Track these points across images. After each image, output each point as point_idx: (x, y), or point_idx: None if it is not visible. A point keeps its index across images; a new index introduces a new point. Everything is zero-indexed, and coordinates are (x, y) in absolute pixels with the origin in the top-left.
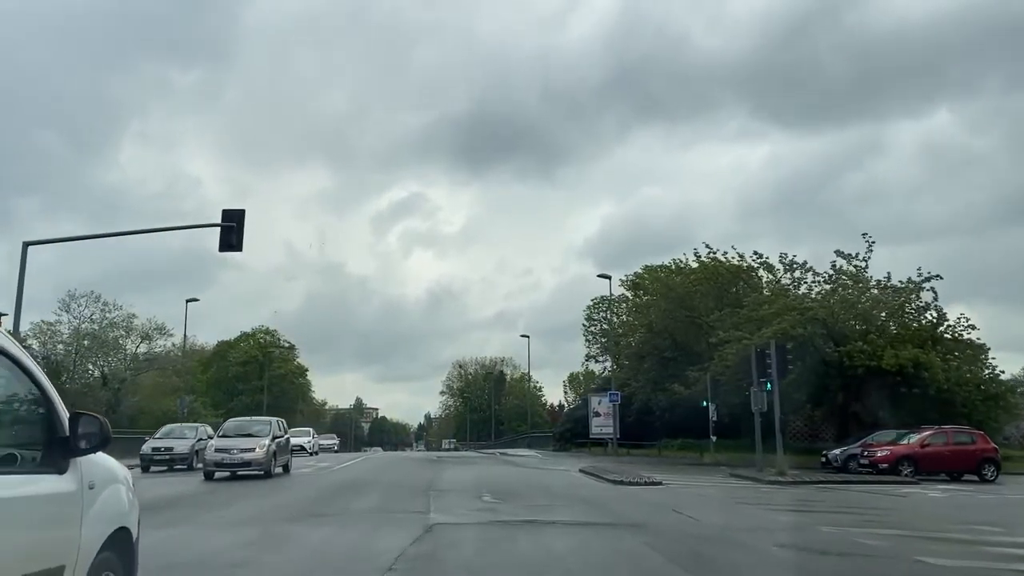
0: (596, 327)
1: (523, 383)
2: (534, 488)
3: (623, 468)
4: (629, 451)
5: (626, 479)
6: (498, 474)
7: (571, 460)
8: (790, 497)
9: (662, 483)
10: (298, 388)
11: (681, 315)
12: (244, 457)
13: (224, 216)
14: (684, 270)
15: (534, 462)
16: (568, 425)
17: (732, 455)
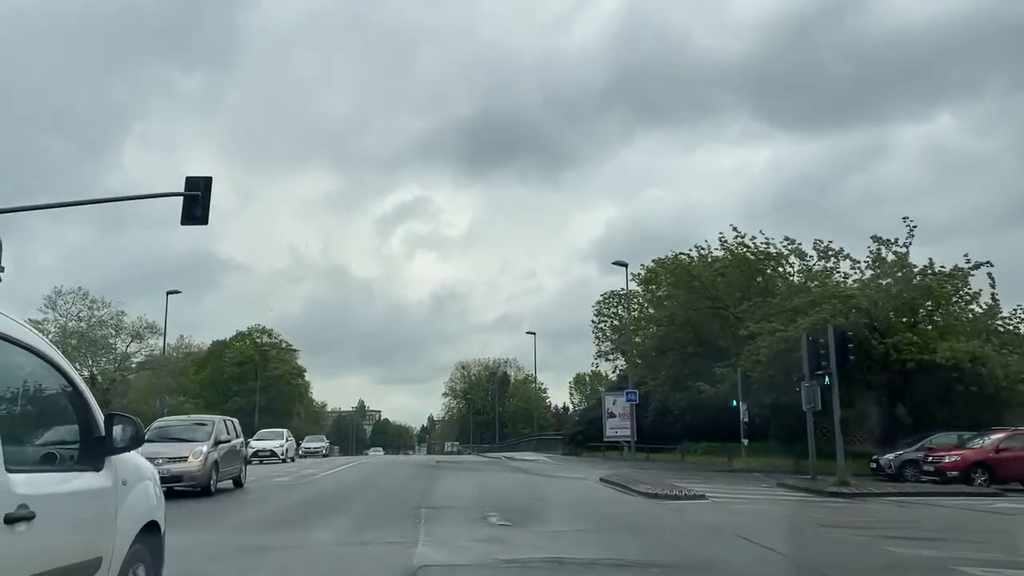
0: (607, 323)
1: (527, 384)
2: (552, 504)
3: (649, 476)
4: (648, 455)
5: (661, 491)
6: (506, 484)
7: (585, 466)
8: (874, 516)
9: (705, 496)
10: (295, 389)
11: (704, 306)
12: (172, 469)
13: (188, 184)
14: (706, 257)
15: (545, 468)
16: (580, 427)
17: (764, 460)
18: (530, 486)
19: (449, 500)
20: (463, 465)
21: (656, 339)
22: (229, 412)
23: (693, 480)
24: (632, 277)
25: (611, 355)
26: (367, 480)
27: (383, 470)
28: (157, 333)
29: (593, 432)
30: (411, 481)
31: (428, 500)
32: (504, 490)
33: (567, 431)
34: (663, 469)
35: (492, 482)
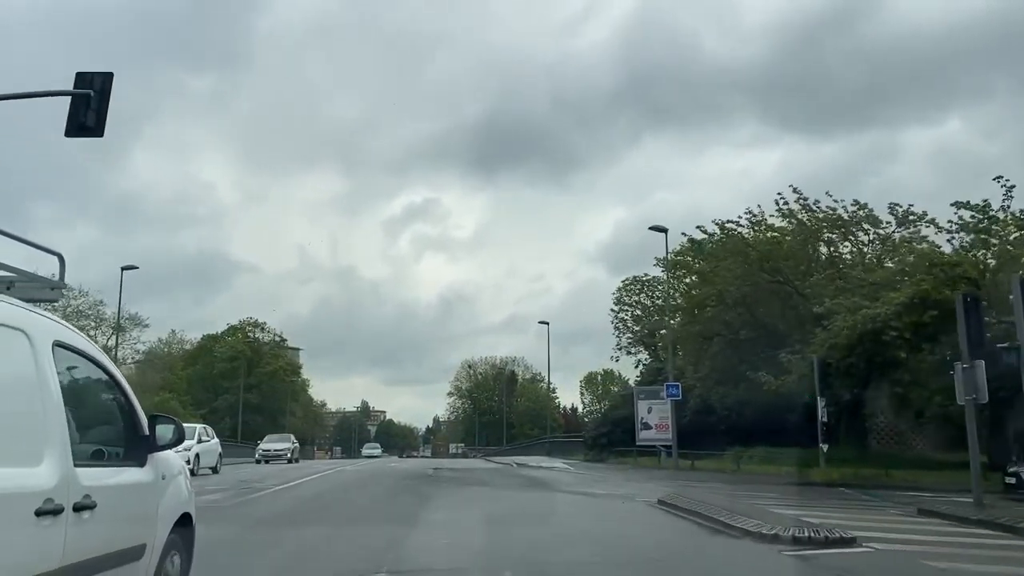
0: (628, 313)
1: (536, 384)
2: (617, 562)
3: (722, 497)
4: (693, 463)
5: (784, 531)
6: (528, 514)
7: (620, 477)
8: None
9: (855, 540)
10: (290, 387)
11: (763, 281)
12: None
13: (77, 81)
14: (760, 225)
15: (571, 482)
16: (604, 429)
17: (844, 470)
18: (564, 514)
19: (435, 549)
20: (466, 475)
21: (701, 322)
22: (219, 410)
23: (780, 500)
24: (656, 262)
25: (633, 348)
26: (322, 503)
27: (358, 484)
28: (141, 326)
29: (620, 435)
30: (385, 506)
31: (396, 559)
32: (526, 525)
33: (589, 432)
34: (722, 483)
35: (507, 509)
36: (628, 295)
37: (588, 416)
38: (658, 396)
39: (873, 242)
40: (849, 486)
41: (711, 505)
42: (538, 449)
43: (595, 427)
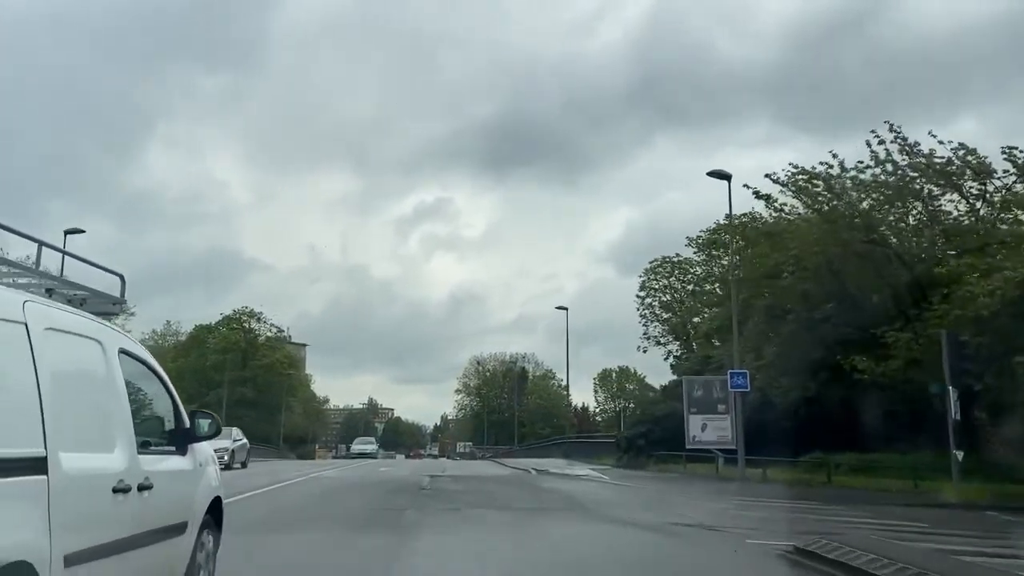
0: (656, 299)
1: (547, 381)
2: None
3: (895, 543)
4: (765, 473)
5: None
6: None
7: (677, 492)
8: None
9: None
10: (288, 381)
11: (855, 239)
12: None
13: None
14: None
15: (617, 501)
16: (642, 428)
17: (984, 485)
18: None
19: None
20: (473, 488)
21: (768, 295)
22: (210, 405)
23: (970, 539)
24: (688, 241)
25: (663, 338)
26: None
27: (315, 502)
28: (127, 313)
29: (662, 436)
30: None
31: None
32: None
33: (624, 432)
34: (820, 502)
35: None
36: (656, 278)
37: (602, 415)
38: (714, 388)
39: (988, 194)
40: (1002, 509)
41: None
42: (554, 451)
43: (631, 426)
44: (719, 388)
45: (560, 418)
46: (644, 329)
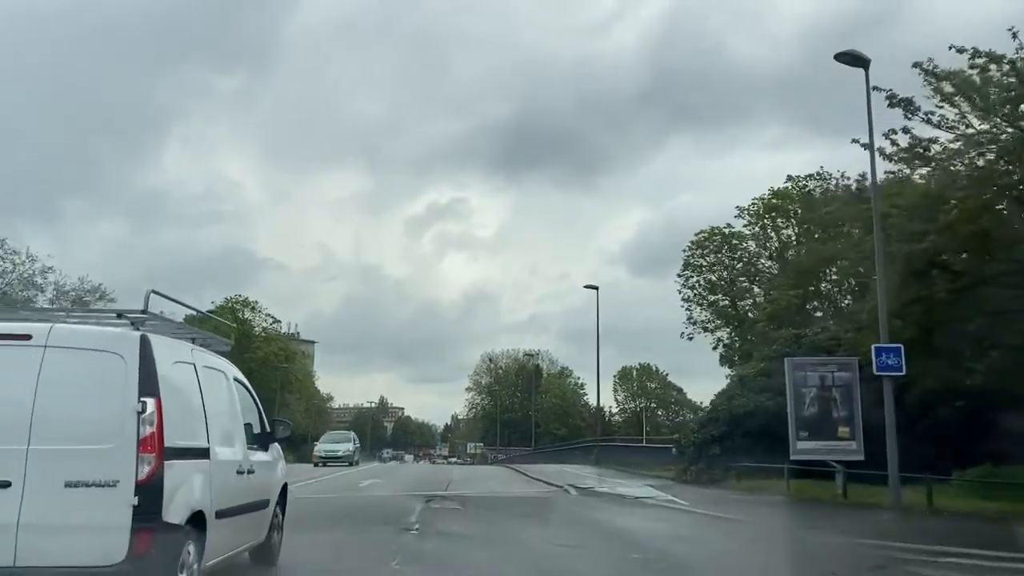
0: (702, 278)
1: (563, 379)
2: None
3: None
4: (930, 500)
5: None
6: None
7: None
8: None
9: None
10: (282, 375)
11: (1010, 183)
12: None
13: None
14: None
15: (768, 565)
16: (714, 430)
17: None
18: None
19: None
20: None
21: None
22: None
23: None
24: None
25: (712, 324)
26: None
27: None
28: (106, 299)
29: (745, 441)
30: None
31: None
32: None
33: (688, 436)
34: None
35: None
36: (702, 254)
37: (621, 415)
38: (831, 375)
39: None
40: None
41: None
42: (579, 455)
43: (699, 427)
44: (839, 374)
45: (577, 418)
46: (688, 313)
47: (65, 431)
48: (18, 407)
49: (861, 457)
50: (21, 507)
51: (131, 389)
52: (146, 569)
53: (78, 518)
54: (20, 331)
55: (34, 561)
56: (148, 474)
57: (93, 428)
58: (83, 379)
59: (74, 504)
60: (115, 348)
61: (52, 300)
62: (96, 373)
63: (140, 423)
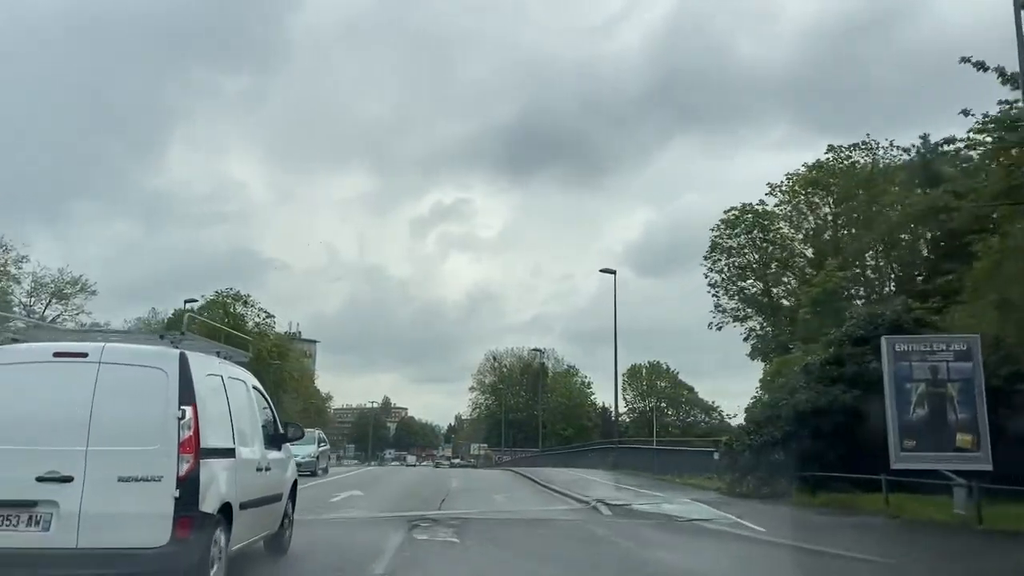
0: (731, 261)
1: (569, 377)
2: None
3: None
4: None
5: None
6: None
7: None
8: None
9: None
10: (277, 373)
11: None
12: None
13: None
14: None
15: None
16: (775, 431)
17: None
18: None
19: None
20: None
21: None
22: None
23: None
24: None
25: (742, 312)
26: None
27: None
28: (87, 291)
29: (815, 445)
30: None
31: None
32: None
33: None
34: None
35: None
36: (731, 235)
37: (631, 416)
38: (948, 364)
39: None
40: None
41: None
42: (593, 459)
43: (756, 427)
44: (955, 364)
45: (584, 418)
46: (715, 299)
47: (117, 434)
48: (78, 414)
49: (988, 467)
50: (82, 498)
51: (172, 399)
52: (186, 551)
53: (129, 508)
54: (78, 350)
55: (93, 544)
56: (187, 471)
57: (141, 432)
58: (132, 390)
59: (126, 496)
60: (158, 364)
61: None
62: (143, 385)
63: (180, 427)
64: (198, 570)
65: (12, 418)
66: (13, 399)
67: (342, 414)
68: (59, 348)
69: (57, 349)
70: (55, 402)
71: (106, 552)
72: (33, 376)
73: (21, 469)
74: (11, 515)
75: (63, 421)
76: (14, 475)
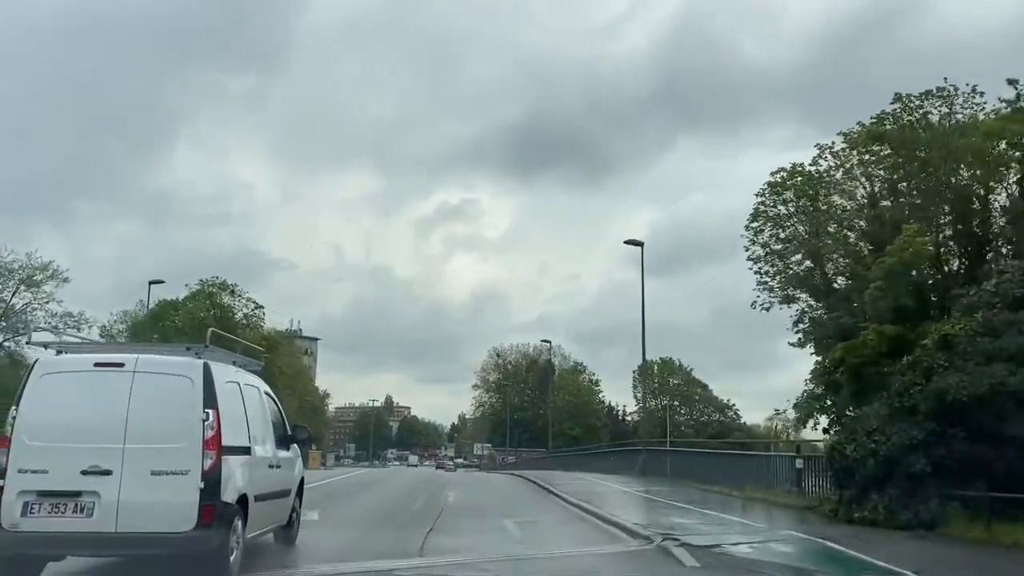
0: (779, 231)
1: (576, 375)
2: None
3: None
4: None
5: None
6: None
7: None
8: None
9: None
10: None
11: None
12: None
13: None
14: None
15: None
16: (916, 431)
17: None
18: None
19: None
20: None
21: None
22: None
23: None
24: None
25: (792, 291)
26: None
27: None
28: (58, 278)
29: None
30: None
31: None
32: None
33: (884, 443)
34: None
35: None
36: (778, 199)
37: (641, 414)
38: None
39: None
40: None
41: None
42: (615, 461)
43: (883, 423)
44: None
45: (592, 417)
46: (758, 276)
47: (150, 434)
48: (116, 416)
49: None
50: (120, 489)
51: (198, 403)
52: (209, 536)
53: (161, 497)
54: (116, 360)
55: (129, 528)
56: (211, 466)
57: (170, 431)
58: (162, 395)
59: (158, 487)
60: (186, 372)
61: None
62: (172, 391)
63: (204, 428)
64: (219, 553)
65: (59, 420)
66: (60, 403)
67: (344, 413)
68: (99, 359)
69: (97, 360)
70: (96, 406)
71: (141, 536)
72: (77, 383)
73: (67, 464)
74: (60, 503)
75: (103, 422)
76: (62, 469)
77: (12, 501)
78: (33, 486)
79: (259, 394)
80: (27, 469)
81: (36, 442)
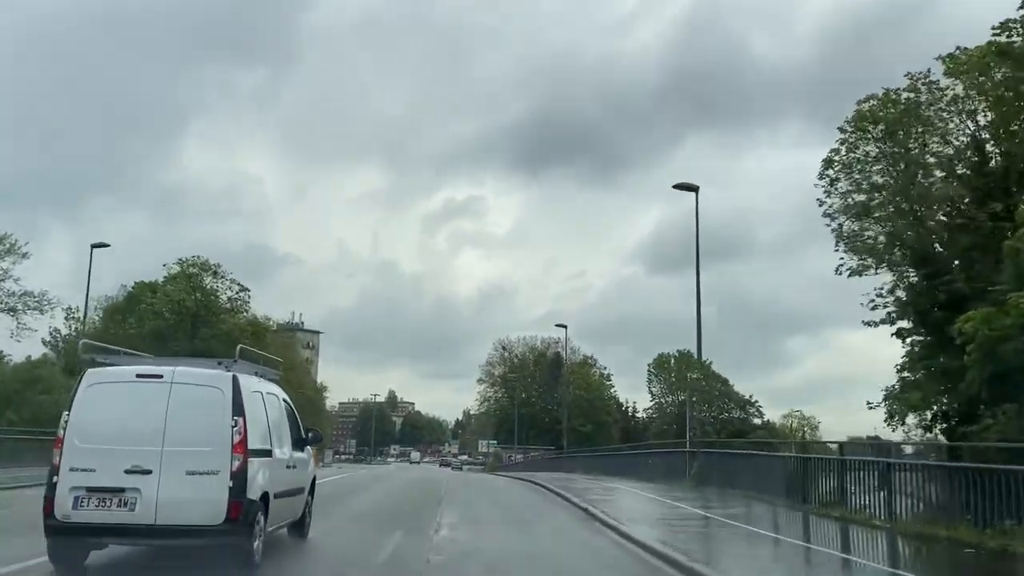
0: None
1: (586, 368)
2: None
3: None
4: None
5: None
6: None
7: None
8: None
9: None
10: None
11: None
12: None
13: None
14: None
15: None
16: None
17: None
18: None
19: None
20: None
21: None
22: None
23: None
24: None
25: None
26: None
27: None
28: (16, 253)
29: None
30: None
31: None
32: None
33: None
34: None
35: None
36: (864, 136)
37: (656, 412)
38: None
39: None
40: None
41: None
42: (657, 464)
43: None
44: None
45: (603, 413)
46: (836, 234)
47: (185, 438)
48: (155, 422)
49: None
50: (158, 486)
51: (227, 411)
52: (237, 528)
53: (194, 494)
54: (155, 372)
55: (167, 521)
56: (238, 467)
57: (203, 436)
58: (196, 404)
59: (192, 485)
60: (217, 384)
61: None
62: (204, 400)
63: (233, 434)
64: (245, 544)
65: (105, 424)
66: (105, 410)
67: (348, 408)
68: (140, 371)
69: (139, 371)
70: (137, 413)
71: (177, 528)
72: (121, 392)
73: (113, 464)
74: (106, 498)
75: (144, 427)
76: (108, 468)
77: (64, 495)
78: (82, 483)
79: (278, 401)
80: (77, 467)
81: (85, 444)
